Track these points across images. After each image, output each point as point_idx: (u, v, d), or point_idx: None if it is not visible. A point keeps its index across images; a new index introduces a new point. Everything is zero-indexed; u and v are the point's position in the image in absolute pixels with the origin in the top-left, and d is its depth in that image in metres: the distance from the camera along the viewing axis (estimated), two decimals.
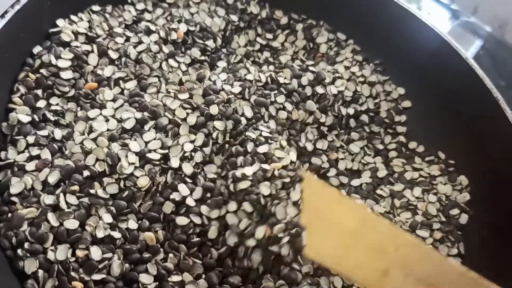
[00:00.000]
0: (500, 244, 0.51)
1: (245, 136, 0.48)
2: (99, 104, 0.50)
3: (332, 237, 0.40)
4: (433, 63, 0.60)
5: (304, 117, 0.55)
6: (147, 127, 0.48)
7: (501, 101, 0.53)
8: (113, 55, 0.53)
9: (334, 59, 0.64)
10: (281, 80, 0.55)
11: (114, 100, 0.51)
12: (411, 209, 0.54)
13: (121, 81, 0.52)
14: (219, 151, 0.49)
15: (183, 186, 0.46)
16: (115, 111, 0.49)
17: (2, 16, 0.46)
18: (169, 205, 0.45)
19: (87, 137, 0.46)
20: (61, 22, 0.52)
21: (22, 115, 0.46)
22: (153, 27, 0.56)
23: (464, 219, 0.54)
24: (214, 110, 0.50)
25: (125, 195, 0.44)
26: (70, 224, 0.41)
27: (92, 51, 0.52)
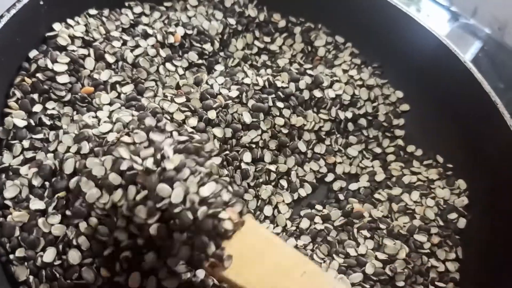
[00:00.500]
0: (498, 248, 0.50)
1: None
2: (96, 108, 0.50)
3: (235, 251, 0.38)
4: (432, 66, 0.60)
5: (302, 122, 0.55)
6: None
7: (499, 105, 0.53)
8: (110, 59, 0.53)
9: (332, 62, 0.64)
10: (279, 84, 0.55)
11: (110, 104, 0.50)
12: (409, 213, 0.53)
13: (118, 85, 0.52)
14: None
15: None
16: (111, 114, 0.48)
17: None
18: None
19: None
20: (57, 26, 0.52)
21: (18, 120, 0.46)
22: (150, 31, 0.56)
23: (462, 223, 0.54)
24: (212, 115, 0.50)
25: None
26: (57, 231, 0.41)
27: (88, 55, 0.52)
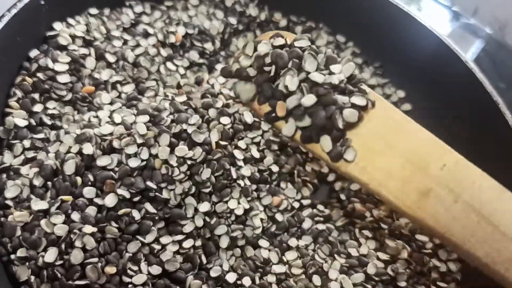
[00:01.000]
0: None
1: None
2: (97, 107, 0.50)
3: (358, 139, 0.34)
4: (433, 66, 0.60)
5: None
6: None
7: (500, 105, 0.53)
8: (111, 59, 0.53)
9: None
10: None
11: (111, 103, 0.50)
12: None
13: (118, 85, 0.52)
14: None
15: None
16: (112, 114, 0.48)
17: None
18: None
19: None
20: (58, 25, 0.52)
21: (18, 119, 0.46)
22: (151, 30, 0.56)
23: None
24: (212, 114, 0.50)
25: None
26: (60, 231, 0.41)
27: (89, 55, 0.52)
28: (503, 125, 0.52)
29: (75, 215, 0.42)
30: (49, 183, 0.43)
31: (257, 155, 0.51)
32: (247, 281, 0.45)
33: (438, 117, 0.59)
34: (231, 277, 0.45)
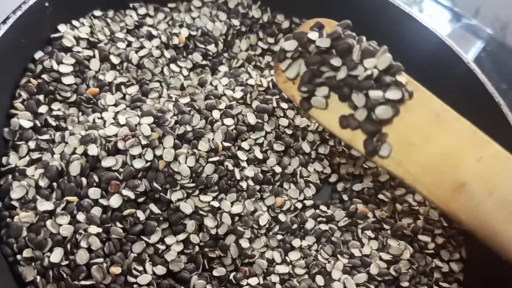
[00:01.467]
0: None
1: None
2: (101, 109, 0.51)
3: (395, 133, 0.34)
4: (434, 67, 0.60)
5: (306, 123, 0.55)
6: None
7: (502, 106, 0.53)
8: (115, 60, 0.53)
9: None
10: None
11: (116, 105, 0.51)
12: (413, 214, 0.54)
13: (122, 86, 0.52)
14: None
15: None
16: (116, 115, 0.49)
17: (3, 22, 0.46)
18: None
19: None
20: (62, 27, 0.52)
21: (23, 121, 0.47)
22: (154, 32, 0.56)
23: None
24: (216, 115, 0.50)
25: None
26: (66, 231, 0.41)
27: (93, 56, 0.52)
28: (505, 126, 0.52)
29: (80, 216, 0.42)
30: (55, 184, 0.43)
31: (260, 156, 0.51)
32: (253, 281, 0.45)
33: None
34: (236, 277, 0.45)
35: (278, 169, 0.52)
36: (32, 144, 0.46)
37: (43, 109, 0.48)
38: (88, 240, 0.41)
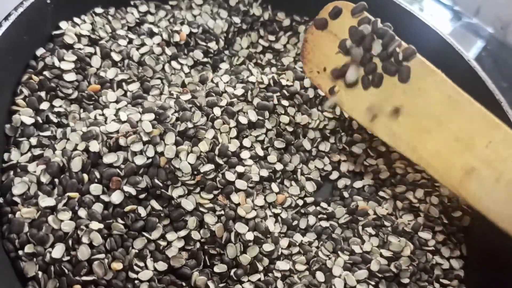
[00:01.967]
0: (502, 245, 0.50)
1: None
2: (102, 106, 0.51)
3: (410, 119, 0.35)
4: (436, 65, 0.60)
5: (307, 121, 0.55)
6: None
7: (503, 103, 0.53)
8: (116, 57, 0.53)
9: None
10: (284, 82, 0.55)
11: (117, 101, 0.51)
12: (414, 211, 0.54)
13: (124, 83, 0.52)
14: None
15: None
16: (117, 112, 0.49)
17: (5, 18, 0.46)
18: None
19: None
20: (64, 24, 0.52)
21: (25, 117, 0.47)
22: (155, 29, 0.57)
23: (466, 221, 0.54)
24: (217, 112, 0.50)
25: None
26: (67, 227, 0.41)
27: (95, 53, 0.52)
28: (506, 123, 0.52)
29: (82, 212, 0.42)
30: (56, 180, 0.44)
31: (261, 153, 0.51)
32: (254, 277, 0.46)
33: None
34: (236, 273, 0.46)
35: (279, 166, 0.53)
36: (33, 140, 0.46)
37: (44, 105, 0.49)
38: (89, 236, 0.41)
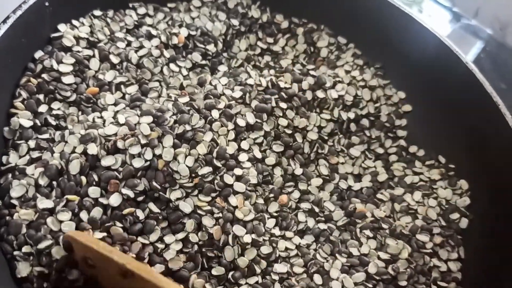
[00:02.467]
0: (500, 248, 0.51)
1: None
2: (101, 108, 0.51)
3: None
4: (434, 67, 0.60)
5: (305, 123, 0.55)
6: None
7: (501, 106, 0.53)
8: (115, 60, 0.53)
9: (334, 63, 0.64)
10: (282, 84, 0.55)
11: (115, 104, 0.51)
12: (411, 213, 0.54)
13: (122, 86, 0.52)
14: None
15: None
16: (116, 114, 0.49)
17: (4, 21, 0.46)
18: None
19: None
20: (62, 27, 0.52)
21: (23, 120, 0.47)
22: (154, 32, 0.57)
23: (464, 223, 0.54)
24: (215, 115, 0.50)
25: None
26: (67, 228, 0.42)
27: (93, 56, 0.52)
28: (503, 126, 0.52)
29: (83, 214, 0.42)
30: (54, 183, 0.44)
31: (259, 155, 0.51)
32: (252, 280, 0.46)
33: (438, 117, 0.60)
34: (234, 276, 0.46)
35: (277, 169, 0.53)
36: (32, 143, 0.46)
37: (43, 108, 0.49)
38: None
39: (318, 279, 0.47)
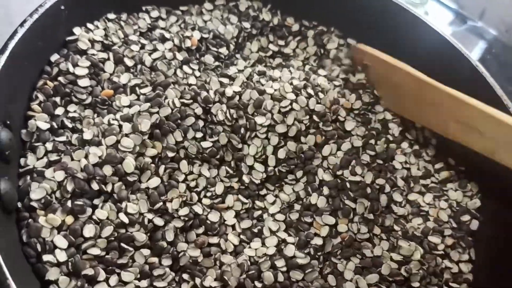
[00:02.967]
0: (511, 249, 0.51)
1: None
2: (116, 110, 0.51)
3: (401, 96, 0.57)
4: (443, 69, 0.60)
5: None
6: None
7: (511, 108, 0.54)
8: (129, 63, 0.54)
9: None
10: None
11: (130, 106, 0.51)
12: (423, 215, 0.54)
13: (137, 88, 0.53)
14: None
15: None
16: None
17: (21, 25, 0.46)
18: None
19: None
20: (77, 30, 0.53)
21: (41, 122, 0.47)
22: (167, 35, 0.57)
23: (475, 225, 0.54)
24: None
25: None
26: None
27: (108, 59, 0.53)
28: None
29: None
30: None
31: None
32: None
33: None
34: None
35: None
36: (49, 145, 0.47)
37: (59, 111, 0.49)
38: None
39: (332, 280, 0.48)
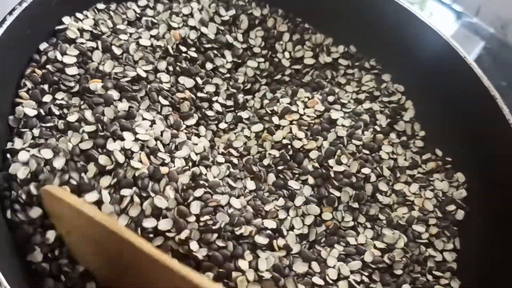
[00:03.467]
0: (495, 239, 0.51)
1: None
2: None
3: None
4: (435, 64, 0.60)
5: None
6: None
7: (498, 99, 0.54)
8: (117, 51, 0.54)
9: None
10: None
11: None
12: (408, 204, 0.54)
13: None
14: None
15: None
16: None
17: (10, 13, 0.47)
18: None
19: None
20: (67, 19, 0.53)
21: (28, 109, 0.48)
22: (155, 22, 0.58)
23: (460, 215, 0.54)
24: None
25: None
26: None
27: (96, 48, 0.53)
28: (500, 119, 0.52)
29: None
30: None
31: None
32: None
33: (437, 112, 0.60)
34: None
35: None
36: (36, 131, 0.47)
37: (47, 98, 0.49)
38: None
39: (315, 266, 0.48)
